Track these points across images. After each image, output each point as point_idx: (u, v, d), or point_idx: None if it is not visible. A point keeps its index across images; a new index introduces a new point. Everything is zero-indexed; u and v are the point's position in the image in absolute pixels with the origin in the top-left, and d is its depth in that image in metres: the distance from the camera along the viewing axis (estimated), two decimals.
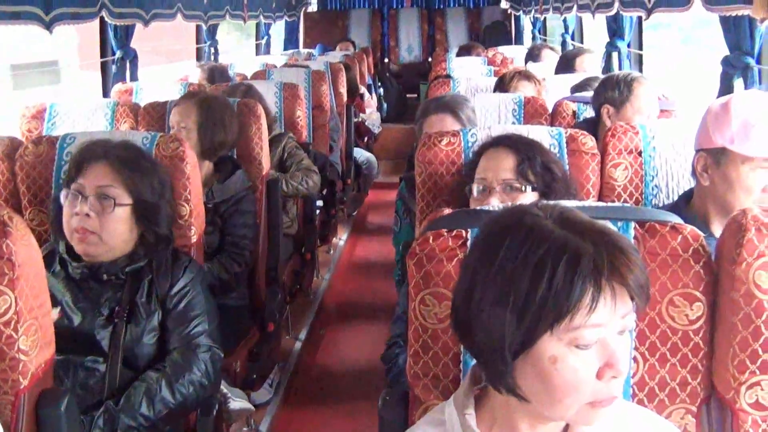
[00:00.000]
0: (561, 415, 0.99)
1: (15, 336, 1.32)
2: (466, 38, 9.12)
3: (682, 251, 1.25)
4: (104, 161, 1.86)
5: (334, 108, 5.09)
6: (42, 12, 3.15)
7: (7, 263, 1.31)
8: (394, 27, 9.66)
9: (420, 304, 1.28)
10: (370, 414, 3.01)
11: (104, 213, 1.83)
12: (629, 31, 4.32)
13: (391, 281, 4.10)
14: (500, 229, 0.99)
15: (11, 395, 1.33)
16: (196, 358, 1.85)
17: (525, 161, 1.80)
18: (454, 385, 1.30)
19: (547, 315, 0.92)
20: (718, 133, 1.72)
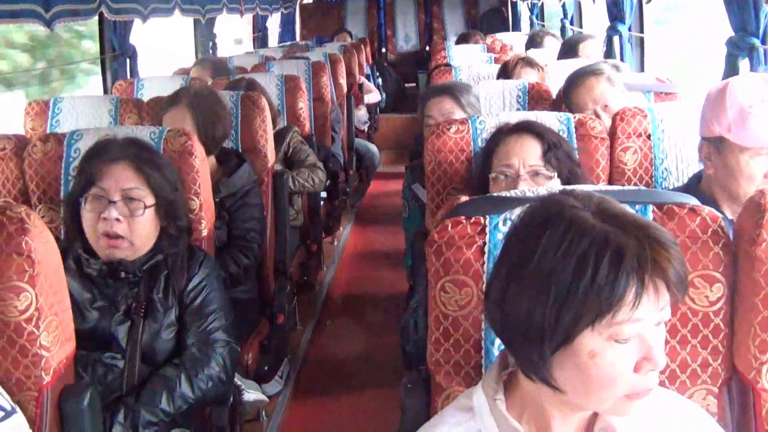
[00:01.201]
0: (596, 407, 0.99)
1: (36, 332, 1.33)
2: (463, 26, 9.10)
3: (701, 233, 1.25)
4: (124, 162, 1.85)
5: (335, 99, 5.09)
6: (42, 10, 3.15)
7: (27, 260, 1.31)
8: (390, 16, 9.64)
9: (440, 292, 1.29)
10: (378, 402, 3.08)
11: (133, 216, 1.83)
12: (630, 14, 4.30)
13: (396, 270, 4.13)
14: (539, 222, 0.97)
15: (35, 391, 1.33)
16: (214, 353, 1.85)
17: (551, 148, 1.82)
18: (476, 371, 1.30)
19: (590, 310, 0.91)
20: (716, 123, 1.72)
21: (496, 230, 1.28)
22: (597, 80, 2.49)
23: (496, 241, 1.28)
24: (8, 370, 1.33)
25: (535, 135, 1.87)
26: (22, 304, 1.31)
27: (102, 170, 1.83)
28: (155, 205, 1.87)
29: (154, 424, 1.74)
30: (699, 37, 5.41)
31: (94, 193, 1.83)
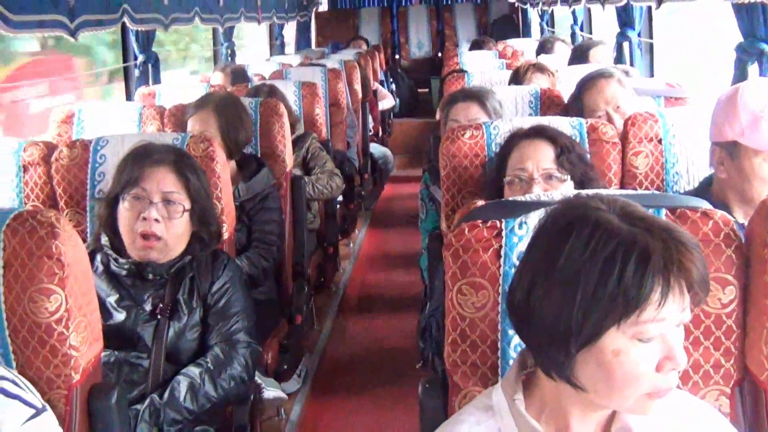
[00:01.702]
0: (618, 405, 0.99)
1: (66, 333, 1.34)
2: (474, 33, 9.10)
3: (714, 236, 1.25)
4: (166, 166, 1.87)
5: (350, 105, 5.10)
6: (67, 20, 3.17)
7: (57, 263, 1.33)
8: (403, 24, 9.65)
9: (457, 294, 1.29)
10: (394, 401, 3.08)
11: (171, 218, 1.85)
12: (639, 20, 4.28)
13: (410, 271, 4.14)
14: (565, 224, 0.97)
15: (65, 389, 1.34)
16: (237, 354, 1.86)
17: (564, 152, 1.82)
18: (492, 372, 1.30)
19: (616, 310, 0.91)
20: (728, 127, 1.70)
21: (512, 234, 1.28)
22: (608, 82, 2.49)
23: (512, 244, 1.28)
24: (39, 369, 1.34)
25: (548, 139, 1.87)
26: (52, 305, 1.33)
27: (144, 172, 1.85)
28: (191, 210, 1.89)
29: (179, 422, 1.76)
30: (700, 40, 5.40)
31: (134, 193, 1.85)
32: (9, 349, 1.34)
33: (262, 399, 2.36)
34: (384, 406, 3.08)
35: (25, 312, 1.33)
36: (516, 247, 1.28)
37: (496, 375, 1.29)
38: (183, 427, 1.77)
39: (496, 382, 1.30)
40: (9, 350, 1.34)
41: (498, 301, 1.28)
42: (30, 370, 1.34)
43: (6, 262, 1.33)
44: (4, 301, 1.33)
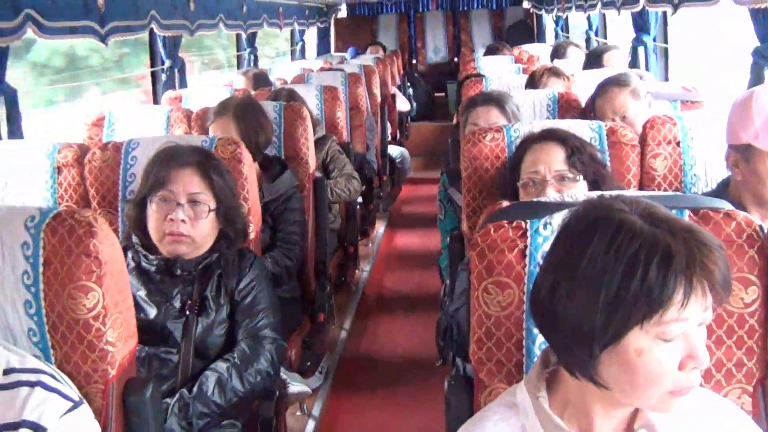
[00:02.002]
0: (641, 403, 0.99)
1: (103, 329, 1.35)
2: (489, 38, 9.07)
3: (736, 237, 1.24)
4: (191, 168, 1.88)
5: (369, 108, 5.10)
6: (98, 26, 3.20)
7: (95, 261, 1.34)
8: (420, 29, 9.64)
9: (483, 293, 1.28)
10: (413, 396, 3.08)
11: (197, 218, 1.87)
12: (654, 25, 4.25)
13: (428, 271, 4.14)
14: (588, 224, 0.97)
15: (101, 384, 1.35)
16: (263, 349, 1.87)
17: (575, 152, 1.82)
18: (517, 369, 1.30)
19: (640, 310, 0.91)
20: (742, 131, 1.69)
21: (537, 234, 1.28)
22: (620, 92, 2.48)
23: (537, 244, 1.27)
24: (77, 364, 1.35)
25: (558, 141, 1.86)
26: (90, 302, 1.34)
27: (171, 174, 1.87)
28: (216, 209, 1.90)
29: (207, 415, 1.76)
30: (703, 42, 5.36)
31: (162, 194, 1.86)
32: (48, 345, 1.35)
33: (287, 393, 2.36)
34: (403, 403, 3.08)
35: (64, 309, 1.34)
36: (541, 248, 1.27)
37: (521, 372, 1.29)
38: (211, 420, 1.78)
39: (520, 379, 1.29)
40: (48, 345, 1.35)
41: (523, 300, 1.27)
42: (68, 365, 1.35)
43: (45, 260, 1.34)
44: (43, 298, 1.34)
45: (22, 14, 2.69)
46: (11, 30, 2.66)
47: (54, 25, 2.87)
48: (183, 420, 1.74)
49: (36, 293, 1.35)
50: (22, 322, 1.35)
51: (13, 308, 1.35)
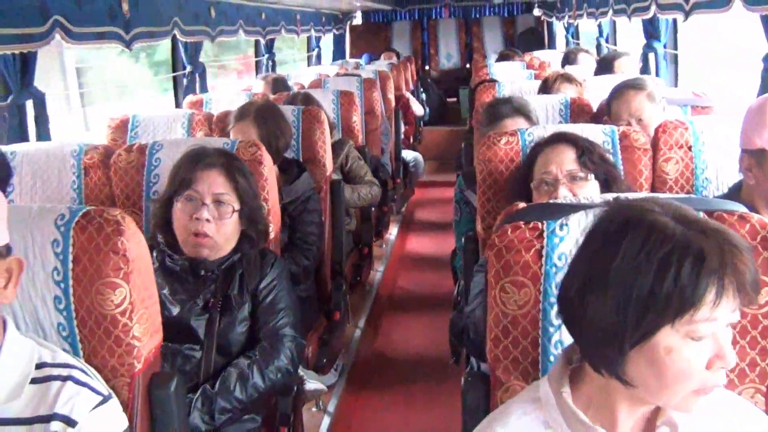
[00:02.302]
0: (666, 402, 0.98)
1: (130, 324, 1.35)
2: (501, 45, 9.06)
3: (751, 239, 1.22)
4: (217, 169, 1.89)
5: (383, 113, 5.11)
6: (123, 32, 3.23)
7: (122, 258, 1.34)
8: (433, 36, 9.64)
9: (500, 292, 1.28)
10: (425, 394, 3.08)
11: (221, 218, 1.87)
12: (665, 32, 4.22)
13: (440, 272, 4.13)
14: (620, 225, 0.96)
15: (128, 377, 1.36)
16: (283, 347, 1.87)
17: (585, 152, 1.82)
18: (533, 367, 1.29)
19: (672, 309, 0.90)
20: (757, 136, 1.68)
21: (554, 235, 1.27)
22: (636, 94, 2.46)
23: (554, 245, 1.27)
24: (104, 358, 1.36)
25: (568, 142, 1.86)
26: (117, 298, 1.34)
27: (197, 174, 1.88)
28: (240, 210, 1.91)
29: (229, 410, 1.77)
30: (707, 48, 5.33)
31: (187, 194, 1.88)
32: (77, 339, 1.36)
33: (304, 390, 2.36)
34: (416, 400, 3.08)
35: (92, 304, 1.35)
36: (557, 248, 1.27)
37: (537, 370, 1.28)
38: (233, 415, 1.78)
39: (537, 377, 1.29)
40: (77, 340, 1.36)
41: (539, 299, 1.27)
42: (95, 359, 1.36)
43: (75, 257, 1.35)
44: (72, 294, 1.35)
45: (51, 20, 2.71)
46: (40, 36, 2.69)
47: (81, 31, 2.89)
48: (206, 414, 1.74)
49: (65, 289, 1.36)
50: (52, 317, 1.37)
51: (44, 304, 1.36)
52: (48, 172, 2.43)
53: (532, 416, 1.04)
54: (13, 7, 2.49)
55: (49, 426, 1.14)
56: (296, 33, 6.32)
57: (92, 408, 1.18)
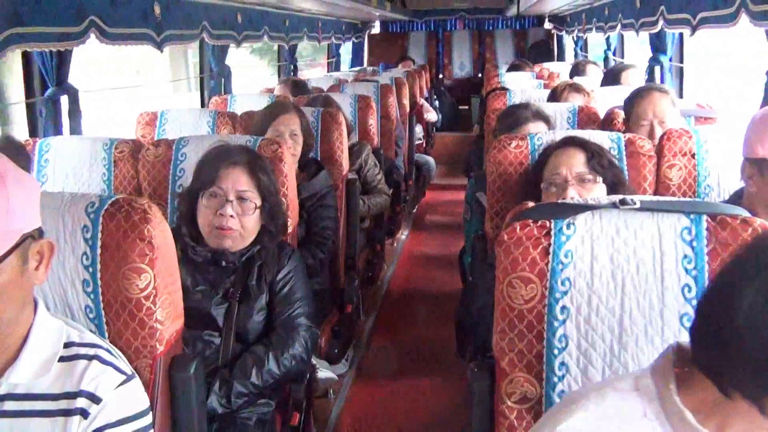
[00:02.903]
0: None
1: (153, 308, 1.35)
2: (512, 56, 9.02)
3: None
4: (240, 167, 1.90)
5: (398, 117, 5.10)
6: (155, 34, 3.24)
7: (148, 245, 1.34)
8: (448, 47, 9.64)
9: (507, 287, 1.27)
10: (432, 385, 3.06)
11: (244, 214, 1.88)
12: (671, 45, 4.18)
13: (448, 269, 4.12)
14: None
15: (150, 359, 1.36)
16: (298, 336, 1.86)
17: (594, 156, 1.81)
18: (537, 360, 1.28)
19: None
20: (759, 145, 1.65)
21: (561, 233, 1.26)
22: (662, 97, 2.47)
23: (560, 243, 1.26)
24: (128, 340, 1.36)
25: (578, 146, 1.86)
26: (142, 282, 1.34)
27: (221, 172, 1.88)
28: (261, 206, 1.91)
29: (245, 395, 1.76)
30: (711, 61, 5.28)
31: (212, 191, 1.88)
32: (103, 321, 1.36)
33: (316, 378, 2.36)
34: (422, 391, 3.07)
35: (118, 288, 1.35)
36: (564, 246, 1.25)
37: (541, 363, 1.27)
38: (249, 399, 1.78)
39: (540, 369, 1.28)
40: (103, 322, 1.36)
41: (545, 295, 1.26)
42: (120, 340, 1.36)
43: (103, 243, 1.35)
44: (100, 278, 1.35)
45: (87, 20, 2.72)
46: (76, 35, 2.69)
47: (115, 32, 2.90)
48: (223, 398, 1.74)
49: (93, 273, 1.36)
50: (80, 300, 1.37)
51: (73, 287, 1.37)
52: (80, 163, 2.44)
53: (630, 402, 0.95)
54: (52, 7, 2.50)
55: (75, 402, 1.14)
56: (317, 40, 6.32)
57: (116, 386, 1.18)
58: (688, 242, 1.24)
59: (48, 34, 2.52)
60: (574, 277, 1.25)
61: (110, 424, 1.15)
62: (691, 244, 1.23)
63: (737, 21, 2.58)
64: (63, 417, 1.14)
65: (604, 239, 1.25)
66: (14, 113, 5.01)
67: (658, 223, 1.25)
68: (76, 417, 1.13)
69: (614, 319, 1.25)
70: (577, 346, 1.26)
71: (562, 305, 1.25)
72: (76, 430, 1.13)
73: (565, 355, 1.26)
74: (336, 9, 6.00)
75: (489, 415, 1.34)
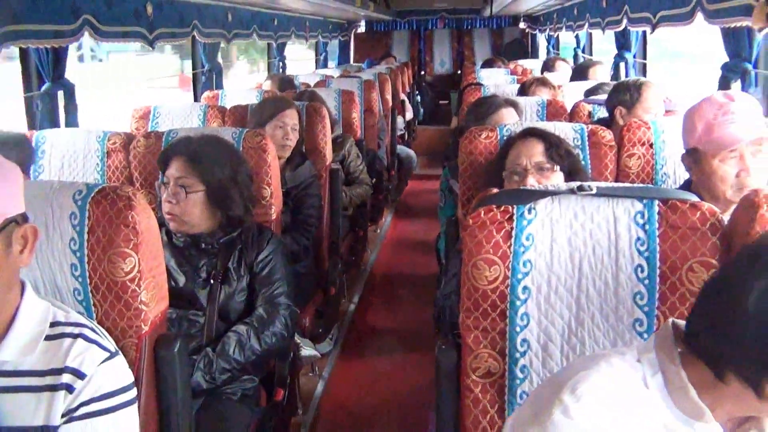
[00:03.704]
0: None
1: (138, 290, 1.33)
2: (489, 54, 9.00)
3: (701, 225, 1.21)
4: (181, 156, 1.86)
5: (381, 111, 5.07)
6: (147, 32, 3.19)
7: (133, 231, 1.32)
8: (429, 45, 9.62)
9: (472, 268, 1.26)
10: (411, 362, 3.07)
11: (181, 200, 1.84)
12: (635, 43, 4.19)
13: (427, 254, 4.12)
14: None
15: (135, 339, 1.34)
16: (278, 314, 1.85)
17: (552, 146, 1.79)
18: (501, 336, 1.27)
19: None
20: (689, 136, 1.68)
21: (522, 218, 1.25)
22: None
23: (522, 227, 1.25)
24: (114, 321, 1.34)
25: (538, 137, 1.84)
26: (127, 266, 1.32)
27: (168, 162, 1.87)
28: (204, 192, 1.85)
29: (228, 371, 1.75)
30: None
31: (164, 179, 1.88)
32: (90, 303, 1.34)
33: (300, 356, 2.35)
34: (402, 368, 3.08)
35: (105, 272, 1.33)
36: (525, 230, 1.25)
37: (504, 339, 1.27)
38: (232, 376, 1.77)
39: (504, 345, 1.27)
40: (90, 303, 1.34)
41: (507, 276, 1.25)
42: (107, 321, 1.34)
43: (90, 229, 1.33)
44: (87, 262, 1.33)
45: (81, 19, 2.67)
46: (71, 32, 2.65)
47: (108, 30, 2.86)
48: (207, 374, 1.72)
49: (81, 258, 1.34)
50: (69, 283, 1.35)
51: (61, 271, 1.35)
52: (75, 155, 2.41)
53: (635, 372, 0.93)
54: (47, 5, 2.46)
55: (60, 378, 1.12)
56: (305, 38, 6.27)
57: (100, 362, 1.16)
58: (641, 225, 1.23)
59: (43, 31, 2.48)
60: (535, 258, 1.25)
61: (95, 398, 1.13)
62: (643, 227, 1.23)
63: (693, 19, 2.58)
64: (49, 392, 1.12)
65: (562, 223, 1.25)
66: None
67: (614, 208, 1.25)
68: (62, 392, 1.12)
69: (572, 298, 1.25)
70: (537, 323, 1.26)
71: (524, 285, 1.25)
72: (62, 404, 1.12)
73: (526, 332, 1.26)
74: (322, 9, 5.95)
75: (455, 389, 1.34)
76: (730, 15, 2.32)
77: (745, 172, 1.60)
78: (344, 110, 3.88)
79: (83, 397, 1.12)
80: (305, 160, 2.76)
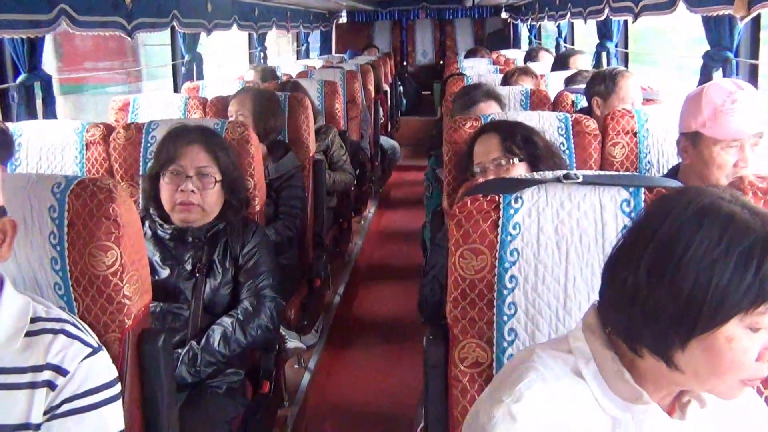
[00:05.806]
0: (711, 389, 0.89)
1: (121, 284, 1.31)
2: (472, 44, 8.99)
3: None
4: (198, 145, 1.85)
5: (364, 102, 5.04)
6: (125, 22, 3.12)
7: (114, 224, 1.30)
8: (411, 35, 9.58)
9: (459, 258, 1.25)
10: (396, 353, 3.07)
11: (205, 189, 1.84)
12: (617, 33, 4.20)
13: (412, 244, 4.12)
14: (695, 213, 0.85)
15: (118, 333, 1.31)
16: (263, 307, 1.84)
17: (507, 139, 1.74)
18: (488, 326, 1.27)
19: (746, 301, 0.81)
20: (693, 119, 1.67)
21: (509, 207, 1.25)
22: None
23: (509, 216, 1.24)
24: (97, 315, 1.31)
25: (493, 131, 1.79)
26: (109, 260, 1.30)
27: (180, 150, 1.83)
28: (222, 181, 1.86)
29: (213, 364, 1.74)
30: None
31: (172, 169, 1.83)
32: (72, 297, 1.32)
33: (285, 348, 2.34)
34: (388, 359, 3.08)
35: (86, 265, 1.30)
36: (512, 219, 1.24)
37: (492, 329, 1.26)
38: (217, 369, 1.75)
39: (491, 335, 1.27)
40: (72, 298, 1.32)
41: (494, 265, 1.24)
42: (89, 315, 1.31)
43: (70, 222, 1.30)
44: (67, 256, 1.30)
45: (57, 8, 2.61)
46: (47, 22, 2.58)
47: (86, 20, 2.79)
48: (192, 368, 1.71)
49: (61, 251, 1.30)
50: (49, 277, 1.32)
51: (41, 265, 1.31)
52: (52, 147, 2.36)
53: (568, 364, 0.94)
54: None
55: (41, 375, 1.10)
56: (286, 29, 6.21)
57: (82, 359, 1.13)
58: (627, 213, 1.23)
59: (18, 21, 2.41)
60: (522, 247, 1.24)
61: (78, 395, 1.11)
62: (630, 215, 1.23)
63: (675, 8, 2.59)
64: (30, 390, 1.09)
65: (549, 212, 1.25)
66: None
67: (600, 196, 1.25)
68: (43, 389, 1.09)
69: (559, 287, 1.24)
70: (525, 312, 1.25)
71: (511, 275, 1.24)
72: (44, 402, 1.09)
73: (514, 321, 1.26)
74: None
75: (443, 380, 1.33)
76: (711, 4, 2.33)
77: (743, 162, 1.61)
78: (327, 101, 3.85)
79: (66, 394, 1.10)
80: (288, 151, 2.74)
